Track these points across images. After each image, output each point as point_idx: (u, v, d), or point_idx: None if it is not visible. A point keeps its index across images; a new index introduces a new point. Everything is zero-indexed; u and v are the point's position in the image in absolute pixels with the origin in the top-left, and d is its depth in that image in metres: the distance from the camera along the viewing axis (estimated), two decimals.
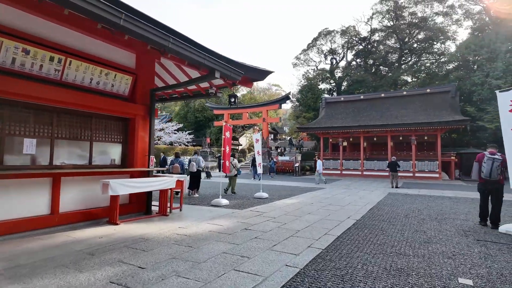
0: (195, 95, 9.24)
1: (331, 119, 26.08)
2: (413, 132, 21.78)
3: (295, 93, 37.41)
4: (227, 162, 9.34)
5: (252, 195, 11.36)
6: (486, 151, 6.95)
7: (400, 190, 14.92)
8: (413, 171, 21.66)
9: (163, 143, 33.64)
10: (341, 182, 19.30)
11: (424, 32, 33.87)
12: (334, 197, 11.44)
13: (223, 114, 32.18)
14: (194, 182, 10.87)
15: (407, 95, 25.94)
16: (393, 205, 9.77)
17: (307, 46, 38.43)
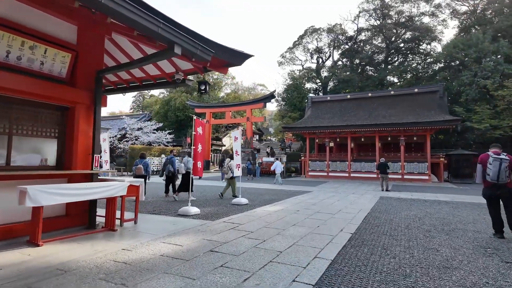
0: (159, 83, 7.78)
1: (318, 118, 25.05)
2: (402, 133, 20.98)
3: (281, 92, 36.38)
4: (199, 163, 7.92)
5: (230, 201, 9.99)
6: (490, 151, 5.85)
7: (392, 193, 13.89)
8: (402, 173, 20.84)
9: (140, 143, 31.75)
10: (328, 184, 18.18)
11: (411, 32, 33.51)
12: (322, 202, 10.21)
13: (205, 113, 30.66)
14: (184, 184, 10.05)
15: (395, 95, 25.25)
16: (388, 212, 8.62)
17: (293, 44, 37.44)
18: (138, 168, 10.43)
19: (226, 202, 9.82)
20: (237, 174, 10.02)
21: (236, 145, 10.04)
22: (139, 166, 10.50)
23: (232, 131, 9.36)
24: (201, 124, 8.06)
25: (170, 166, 11.04)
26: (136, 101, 76.21)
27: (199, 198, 10.91)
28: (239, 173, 9.93)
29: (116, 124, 41.03)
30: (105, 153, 11.54)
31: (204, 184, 17.27)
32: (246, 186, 16.05)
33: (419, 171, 20.57)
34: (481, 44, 22.83)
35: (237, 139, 9.99)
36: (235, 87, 44.06)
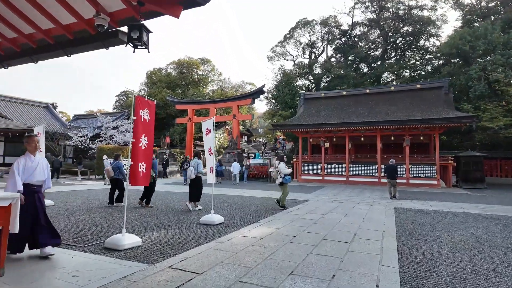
0: (79, 41, 4.92)
1: (311, 116, 22.48)
2: (407, 131, 18.60)
3: (271, 89, 33.69)
4: (141, 166, 5.12)
5: (199, 216, 7.20)
6: None
7: (404, 202, 11.35)
8: (407, 177, 18.43)
9: (115, 143, 28.55)
10: (325, 191, 15.54)
11: (410, 25, 31.45)
12: (326, 219, 7.53)
13: (187, 110, 27.74)
14: (193, 192, 8.76)
15: (395, 91, 22.90)
16: (422, 235, 6.02)
17: (284, 37, 34.81)
18: (107, 171, 9.65)
19: (193, 220, 7.03)
20: (211, 180, 7.23)
21: (208, 141, 7.27)
22: (107, 168, 9.68)
23: (203, 121, 6.57)
24: (147, 106, 5.28)
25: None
26: (120, 100, 72.42)
27: (156, 212, 8.09)
28: (213, 178, 7.16)
29: (92, 124, 37.78)
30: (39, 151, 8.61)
31: (170, 190, 14.39)
32: (229, 193, 13.26)
33: (427, 175, 18.19)
34: (490, 35, 20.74)
35: (209, 133, 7.23)
36: (221, 84, 41.27)
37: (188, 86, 36.54)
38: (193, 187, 8.74)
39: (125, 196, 5.54)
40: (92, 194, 12.29)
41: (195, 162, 8.85)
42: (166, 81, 35.70)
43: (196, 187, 8.75)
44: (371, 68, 34.64)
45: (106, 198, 10.18)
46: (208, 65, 39.23)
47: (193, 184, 8.75)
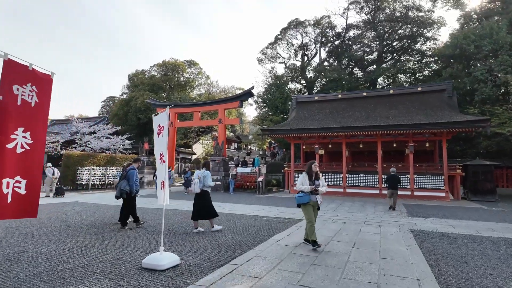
0: None
1: (304, 120, 20.46)
2: (411, 137, 16.70)
3: (261, 93, 31.69)
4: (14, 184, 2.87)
5: (151, 253, 4.93)
6: None
7: (418, 221, 9.27)
8: (411, 189, 16.44)
9: (90, 150, 25.97)
10: (321, 205, 13.36)
11: (405, 27, 30.03)
12: (329, 256, 5.35)
13: (169, 114, 25.43)
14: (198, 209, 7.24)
15: (394, 94, 21.13)
16: (476, 284, 3.89)
17: (275, 38, 32.91)
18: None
19: (132, 263, 4.74)
20: (161, 201, 4.98)
21: (160, 143, 5.07)
22: None
23: (154, 116, 4.26)
24: (32, 80, 3.06)
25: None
26: (106, 106, 69.50)
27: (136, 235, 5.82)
28: (164, 198, 4.92)
29: (69, 129, 35.14)
30: None
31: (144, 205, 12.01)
32: None
33: (434, 186, 16.24)
34: (496, 34, 19.22)
35: (161, 131, 5.02)
36: (209, 88, 39.07)
37: (173, 89, 34.27)
38: (198, 204, 7.26)
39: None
40: None
41: (202, 174, 7.37)
42: (149, 83, 33.37)
43: (202, 203, 7.25)
44: (366, 72, 33.06)
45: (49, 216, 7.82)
46: (195, 67, 37.10)
47: (198, 200, 7.29)
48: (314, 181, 5.89)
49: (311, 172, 5.98)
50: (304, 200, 5.83)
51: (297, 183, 5.98)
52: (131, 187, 7.59)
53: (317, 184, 5.87)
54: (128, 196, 7.60)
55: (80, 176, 18.90)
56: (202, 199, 7.28)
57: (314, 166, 6.01)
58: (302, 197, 5.86)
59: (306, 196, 5.81)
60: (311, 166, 6.03)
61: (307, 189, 5.80)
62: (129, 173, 7.66)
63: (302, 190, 5.85)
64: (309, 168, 6.02)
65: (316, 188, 5.82)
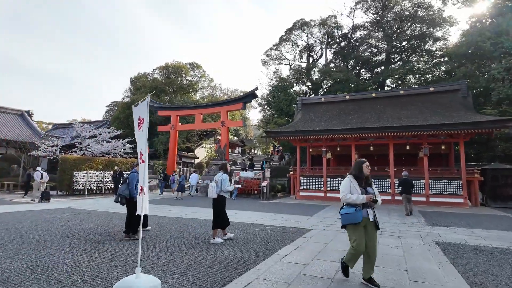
0: None
1: (311, 122, 19.52)
2: (425, 139, 15.66)
3: (265, 95, 30.80)
4: None
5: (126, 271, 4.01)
6: None
7: (441, 231, 8.26)
8: (427, 194, 15.35)
9: (90, 154, 25.25)
10: (331, 212, 12.38)
11: (414, 27, 29.07)
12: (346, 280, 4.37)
13: (170, 117, 24.68)
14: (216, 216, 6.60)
15: (405, 95, 20.16)
16: None
17: (280, 39, 32.11)
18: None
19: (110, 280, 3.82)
20: (140, 210, 4.07)
21: (141, 139, 4.20)
22: None
23: (134, 106, 3.37)
24: None
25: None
26: (110, 110, 69.28)
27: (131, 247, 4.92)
28: (142, 208, 4.02)
29: (71, 133, 34.64)
30: None
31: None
32: (201, 216, 9.97)
33: (451, 191, 15.14)
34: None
35: (142, 124, 4.15)
36: (212, 90, 38.32)
37: (176, 92, 33.61)
38: (215, 211, 6.66)
39: None
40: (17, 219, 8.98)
41: (219, 177, 6.72)
42: (151, 86, 32.74)
43: (217, 210, 6.64)
44: (373, 73, 32.11)
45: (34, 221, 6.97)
46: (198, 70, 36.44)
47: (214, 206, 6.68)
48: (366, 188, 4.07)
49: (362, 176, 4.11)
50: (356, 218, 3.87)
51: (342, 192, 4.05)
52: (131, 191, 6.81)
53: (371, 192, 4.04)
54: (128, 202, 6.81)
55: (76, 180, 18.13)
56: (218, 205, 6.65)
57: (365, 167, 4.12)
58: (353, 214, 3.89)
59: (358, 213, 3.89)
60: (362, 167, 4.11)
61: (360, 200, 3.90)
62: (130, 177, 6.91)
63: (351, 202, 3.93)
64: (359, 170, 4.12)
65: (373, 199, 3.94)
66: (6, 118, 32.93)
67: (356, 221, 3.88)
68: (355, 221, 3.89)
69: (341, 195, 4.05)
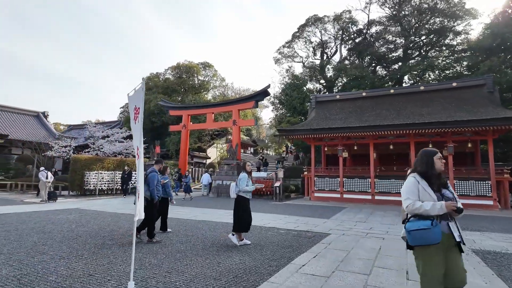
0: None
1: (326, 120, 18.74)
2: (449, 137, 14.66)
3: (278, 94, 30.11)
4: None
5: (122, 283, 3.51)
6: None
7: (475, 236, 7.39)
8: None
9: (103, 154, 25.24)
10: (348, 214, 11.62)
11: (434, 20, 27.78)
12: None
13: (182, 116, 24.36)
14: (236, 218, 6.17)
15: (425, 91, 19.08)
16: None
17: (292, 36, 31.40)
18: None
19: None
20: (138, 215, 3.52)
21: (136, 131, 3.66)
22: None
23: (129, 94, 2.79)
24: None
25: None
26: (124, 111, 70.13)
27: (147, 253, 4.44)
28: (137, 212, 3.47)
29: (85, 133, 34.97)
30: None
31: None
32: (212, 218, 9.40)
33: (478, 192, 14.09)
34: None
35: (138, 115, 3.60)
36: (224, 90, 37.99)
37: (187, 92, 33.39)
38: (235, 212, 6.27)
39: None
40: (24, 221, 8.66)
41: (243, 178, 6.23)
42: (163, 86, 32.66)
43: (238, 211, 6.20)
44: (390, 70, 30.94)
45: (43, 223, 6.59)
46: (210, 70, 36.14)
47: (234, 208, 6.32)
48: (442, 191, 2.75)
49: (434, 173, 2.79)
50: (433, 237, 2.52)
51: (406, 199, 2.71)
52: (152, 192, 6.37)
53: (450, 197, 2.72)
54: (148, 203, 6.35)
55: (87, 180, 17.96)
56: (237, 206, 6.23)
57: (438, 161, 2.80)
58: (427, 231, 2.53)
59: (435, 228, 2.52)
60: (434, 161, 2.80)
61: (438, 209, 2.57)
62: (149, 176, 6.45)
63: (424, 213, 2.60)
64: (430, 165, 2.81)
65: (456, 207, 2.58)
66: (23, 119, 33.50)
67: (433, 241, 2.52)
68: (431, 241, 2.52)
69: (406, 202, 2.71)
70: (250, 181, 6.25)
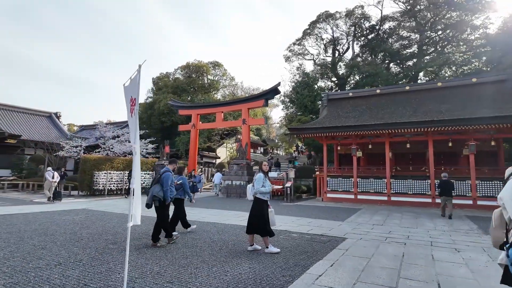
0: None
1: (338, 118, 18.13)
2: (471, 135, 13.86)
3: (288, 92, 29.58)
4: None
5: None
6: None
7: None
8: (473, 197, 13.55)
9: (113, 154, 25.24)
10: (364, 216, 11.03)
11: (451, 15, 26.76)
12: None
13: (191, 115, 24.10)
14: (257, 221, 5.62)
15: (443, 87, 18.26)
16: None
17: (303, 33, 30.73)
18: None
19: None
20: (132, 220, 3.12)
21: (133, 124, 3.24)
22: None
23: (124, 85, 2.35)
24: None
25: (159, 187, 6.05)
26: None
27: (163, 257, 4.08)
28: (132, 218, 3.06)
29: (95, 133, 35.25)
30: None
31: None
32: (221, 220, 8.99)
33: None
34: None
35: (134, 107, 3.19)
36: (233, 89, 37.64)
37: (197, 91, 33.18)
38: (251, 213, 5.74)
39: None
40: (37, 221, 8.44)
41: (259, 176, 5.73)
42: (173, 86, 32.54)
43: (252, 215, 5.69)
44: (404, 67, 30.01)
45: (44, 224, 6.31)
46: (219, 69, 35.88)
47: (251, 210, 5.79)
48: None
49: None
50: None
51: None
52: (165, 193, 6.03)
53: None
54: (161, 204, 6.06)
55: (97, 181, 17.86)
56: (253, 208, 5.75)
57: None
58: None
59: None
60: None
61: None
62: (163, 176, 6.11)
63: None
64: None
65: None
66: (36, 120, 33.96)
67: None
68: None
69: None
70: (267, 182, 5.77)
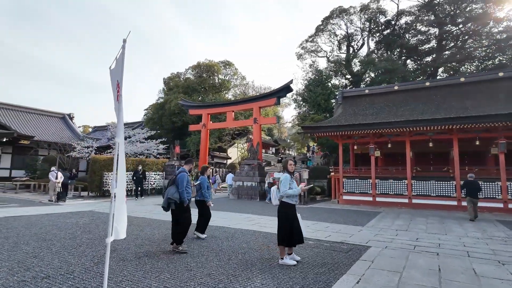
0: None
1: (354, 116, 17.27)
2: (501, 133, 12.81)
3: (301, 90, 28.79)
4: None
5: None
6: None
7: None
8: (504, 200, 12.49)
9: (125, 155, 25.03)
10: (385, 221, 10.20)
11: (472, 7, 25.44)
12: None
13: (201, 115, 23.65)
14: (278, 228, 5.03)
15: (467, 83, 17.17)
16: None
17: (316, 29, 29.86)
18: None
19: None
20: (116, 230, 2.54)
21: (120, 113, 2.64)
22: None
23: (110, 68, 1.73)
24: None
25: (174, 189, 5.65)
26: (148, 113, 71.20)
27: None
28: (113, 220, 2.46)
29: (107, 134, 35.36)
30: None
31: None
32: (234, 224, 8.39)
33: None
34: None
35: (120, 93, 2.59)
36: (244, 88, 37.09)
37: (208, 91, 32.79)
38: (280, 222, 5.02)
39: None
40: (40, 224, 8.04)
41: (285, 177, 5.04)
42: (183, 86, 32.26)
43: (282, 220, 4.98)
44: (422, 63, 28.76)
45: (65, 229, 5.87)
46: (230, 68, 35.41)
47: (279, 217, 5.05)
48: None
49: None
50: None
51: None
52: (181, 194, 5.59)
53: None
54: (177, 207, 5.61)
55: (106, 181, 17.59)
56: (279, 214, 5.05)
57: None
58: None
59: None
60: None
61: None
62: (178, 177, 5.70)
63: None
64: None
65: None
66: (49, 121, 34.33)
67: None
68: None
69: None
70: (294, 183, 5.05)
